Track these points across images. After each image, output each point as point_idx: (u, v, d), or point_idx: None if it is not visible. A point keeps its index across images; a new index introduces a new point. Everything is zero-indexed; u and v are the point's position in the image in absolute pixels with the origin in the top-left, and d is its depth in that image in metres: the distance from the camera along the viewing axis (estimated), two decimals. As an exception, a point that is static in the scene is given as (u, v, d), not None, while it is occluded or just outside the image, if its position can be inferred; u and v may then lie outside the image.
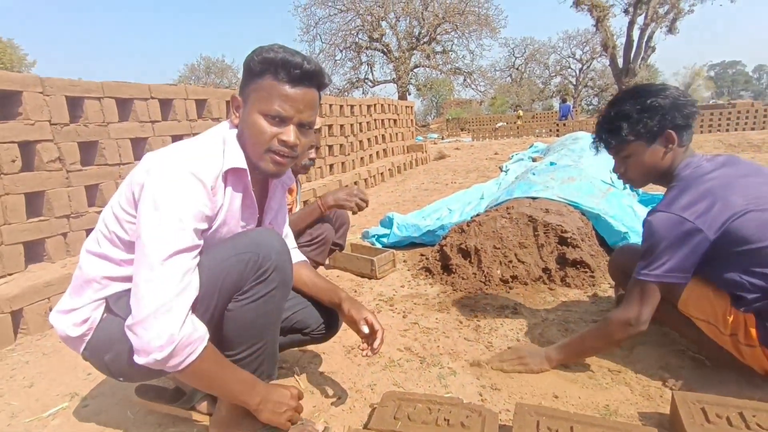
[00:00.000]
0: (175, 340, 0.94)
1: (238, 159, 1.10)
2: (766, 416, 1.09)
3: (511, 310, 2.03)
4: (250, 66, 1.07)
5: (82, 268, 1.13)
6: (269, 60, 1.04)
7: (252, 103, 1.07)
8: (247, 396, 1.09)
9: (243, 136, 1.11)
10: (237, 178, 1.12)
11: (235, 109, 1.13)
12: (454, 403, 1.21)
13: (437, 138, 16.58)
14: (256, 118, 1.06)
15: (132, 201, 1.05)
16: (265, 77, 1.05)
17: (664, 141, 1.38)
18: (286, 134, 1.07)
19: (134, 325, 0.95)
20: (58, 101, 2.53)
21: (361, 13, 22.19)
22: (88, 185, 2.70)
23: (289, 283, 1.19)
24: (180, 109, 3.36)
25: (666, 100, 1.35)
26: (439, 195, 4.85)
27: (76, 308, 1.11)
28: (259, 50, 1.06)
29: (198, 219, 1.01)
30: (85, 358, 1.16)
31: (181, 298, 0.96)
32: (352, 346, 1.77)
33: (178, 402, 1.36)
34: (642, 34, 18.91)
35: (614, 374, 1.49)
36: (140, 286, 0.95)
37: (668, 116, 1.35)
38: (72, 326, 1.11)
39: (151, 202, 0.97)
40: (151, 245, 0.96)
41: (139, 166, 1.06)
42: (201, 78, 32.20)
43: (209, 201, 1.04)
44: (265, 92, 1.05)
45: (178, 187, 0.99)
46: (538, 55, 35.86)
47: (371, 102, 6.81)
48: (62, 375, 1.69)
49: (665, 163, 1.41)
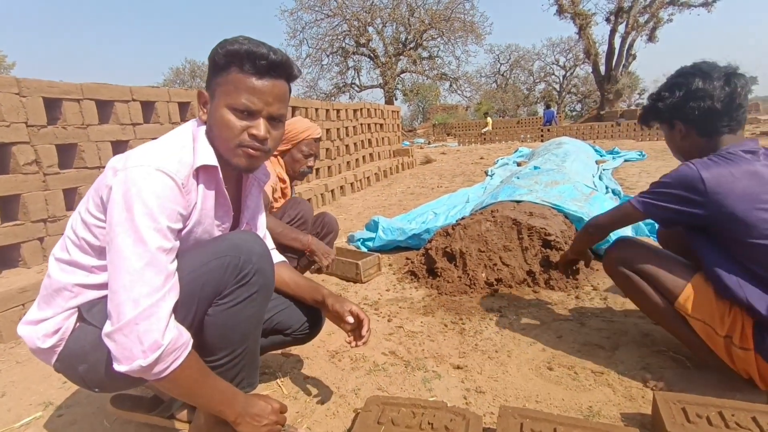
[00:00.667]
0: (161, 346, 0.90)
1: (208, 156, 1.06)
2: (745, 415, 1.10)
3: (496, 312, 2.03)
4: (214, 59, 1.03)
5: (51, 276, 1.08)
6: (233, 52, 1.00)
7: (219, 97, 1.04)
8: (226, 407, 1.05)
9: (212, 132, 1.07)
10: (209, 176, 1.08)
11: (202, 105, 1.09)
12: (438, 407, 1.20)
13: (424, 143, 16.66)
14: (224, 112, 1.03)
15: (100, 205, 1.01)
16: (230, 70, 1.02)
17: (677, 129, 1.41)
18: (256, 128, 1.04)
19: (114, 332, 0.91)
20: (35, 103, 2.47)
21: (348, 18, 22.28)
22: (67, 189, 2.64)
23: (270, 287, 1.17)
24: (162, 112, 3.32)
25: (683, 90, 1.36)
26: (425, 199, 4.86)
27: (45, 318, 1.06)
28: (223, 43, 1.03)
29: (172, 218, 0.98)
30: (57, 370, 1.10)
31: (164, 303, 0.92)
32: (336, 351, 1.76)
33: (156, 411, 1.32)
34: (623, 42, 19.36)
35: (597, 376, 1.50)
36: (118, 293, 0.91)
37: (678, 107, 1.37)
38: (42, 337, 1.05)
39: (121, 203, 0.93)
40: (126, 249, 0.92)
41: (106, 169, 1.02)
42: (186, 81, 31.91)
43: (182, 199, 1.00)
44: (232, 86, 1.02)
45: (149, 186, 0.95)
46: (523, 61, 36.44)
47: (358, 106, 6.81)
48: (36, 384, 1.64)
49: (687, 146, 1.42)
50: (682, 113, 1.38)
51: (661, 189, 1.36)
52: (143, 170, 0.96)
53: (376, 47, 23.65)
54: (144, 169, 0.96)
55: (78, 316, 1.07)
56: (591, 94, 31.71)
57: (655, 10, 19.00)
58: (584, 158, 5.22)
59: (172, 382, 0.96)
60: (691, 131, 1.39)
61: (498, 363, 1.62)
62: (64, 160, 2.67)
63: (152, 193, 0.94)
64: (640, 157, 7.42)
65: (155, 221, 0.94)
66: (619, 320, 1.89)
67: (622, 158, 7.12)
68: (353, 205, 4.97)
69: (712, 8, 18.97)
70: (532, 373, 1.54)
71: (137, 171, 0.95)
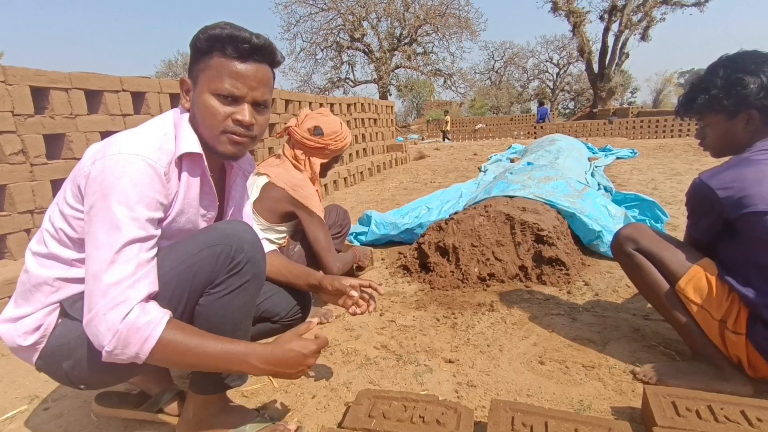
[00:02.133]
0: (116, 330, 0.87)
1: (192, 143, 1.03)
2: (734, 409, 1.11)
3: (488, 307, 2.03)
4: (196, 45, 1.01)
5: (29, 271, 1.04)
6: (215, 36, 0.98)
7: (201, 83, 1.01)
8: (238, 366, 0.97)
9: (196, 119, 1.05)
10: (193, 164, 1.06)
11: (185, 93, 1.06)
12: (430, 401, 1.20)
13: (417, 138, 16.65)
14: (207, 98, 1.00)
15: (78, 195, 0.98)
16: (212, 55, 0.99)
17: (744, 119, 1.35)
18: (241, 113, 1.01)
19: (87, 323, 0.89)
20: (21, 91, 2.42)
21: (343, 12, 22.14)
22: (54, 179, 2.59)
23: (262, 276, 1.15)
24: (153, 103, 3.27)
25: (759, 78, 1.30)
26: (418, 194, 4.85)
27: (25, 315, 1.02)
28: (204, 28, 1.00)
29: (151, 207, 0.95)
30: (38, 369, 1.06)
31: (131, 291, 0.89)
32: (327, 344, 1.74)
33: (143, 406, 1.30)
34: (616, 41, 19.45)
35: (588, 370, 1.50)
36: (89, 282, 0.90)
37: (752, 96, 1.31)
38: (23, 335, 1.01)
39: (98, 191, 0.91)
40: (100, 237, 0.90)
41: (83, 158, 1.00)
42: (179, 74, 31.58)
43: (162, 187, 0.98)
44: (215, 70, 0.99)
45: (127, 174, 0.92)
46: (517, 58, 36.49)
47: (352, 101, 6.77)
48: (21, 377, 1.61)
49: (742, 140, 1.39)
50: (764, 104, 1.32)
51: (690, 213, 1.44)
52: (122, 158, 0.93)
53: (371, 42, 23.57)
54: (123, 157, 0.94)
55: (60, 311, 1.04)
56: (584, 92, 31.86)
57: (648, 9, 19.10)
58: (577, 155, 5.23)
59: (158, 359, 0.92)
60: (760, 121, 1.35)
61: (490, 357, 1.62)
62: (52, 150, 2.62)
63: (130, 181, 0.92)
64: (632, 155, 7.47)
65: (131, 209, 0.92)
66: (610, 315, 1.90)
67: (614, 155, 7.16)
68: (346, 200, 4.95)
69: (705, 8, 19.12)
70: (524, 368, 1.54)
71: (116, 158, 0.93)
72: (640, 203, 3.37)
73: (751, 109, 1.33)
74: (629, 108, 18.17)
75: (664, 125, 12.40)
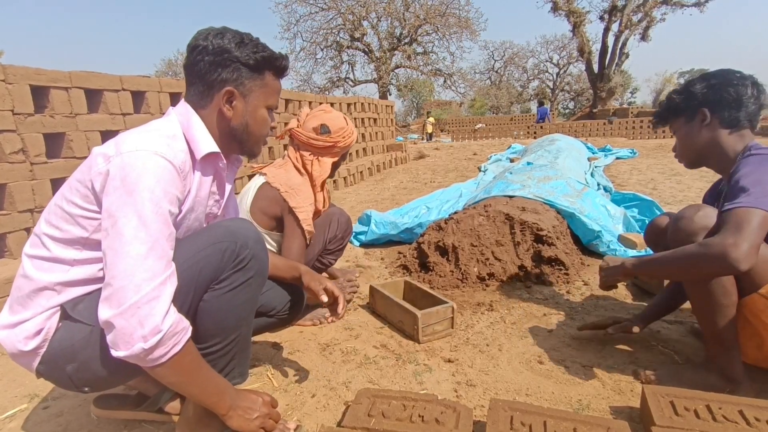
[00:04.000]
0: (161, 330, 0.90)
1: (212, 143, 1.10)
2: (732, 408, 1.12)
3: (488, 307, 2.04)
4: (245, 60, 1.09)
5: (28, 276, 1.02)
6: (269, 59, 1.13)
7: (258, 97, 1.15)
8: (218, 398, 1.04)
9: (246, 128, 1.15)
10: (207, 163, 1.11)
11: (227, 102, 1.11)
12: (429, 400, 1.20)
13: (417, 138, 16.64)
14: (264, 112, 1.17)
15: (90, 195, 0.98)
16: (265, 74, 1.14)
17: (700, 119, 1.42)
18: (274, 121, 1.23)
19: (114, 317, 0.89)
20: (21, 90, 2.42)
21: (343, 12, 22.13)
22: (54, 179, 2.60)
23: (265, 272, 1.18)
24: (153, 102, 3.27)
25: (706, 81, 1.42)
26: (418, 194, 4.85)
27: (25, 320, 1.01)
28: (248, 45, 1.10)
29: (173, 203, 0.98)
30: (39, 374, 1.05)
31: (164, 287, 0.92)
32: (327, 344, 1.75)
33: (143, 406, 1.30)
34: (617, 41, 19.46)
35: (587, 369, 1.51)
36: (118, 277, 0.89)
37: (699, 96, 1.41)
38: (24, 340, 1.00)
39: (121, 188, 0.92)
40: (128, 233, 0.90)
41: (92, 158, 1.00)
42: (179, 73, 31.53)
43: (180, 183, 1.01)
44: (269, 89, 1.16)
45: (150, 170, 0.94)
46: (517, 58, 36.46)
47: (351, 100, 6.78)
48: (21, 376, 1.61)
49: (704, 141, 1.43)
50: (711, 100, 1.40)
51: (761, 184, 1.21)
52: (142, 154, 0.95)
53: (371, 42, 23.57)
54: (143, 154, 0.95)
55: (62, 314, 1.04)
56: (584, 92, 31.84)
57: (648, 9, 19.11)
58: (576, 155, 5.24)
59: (169, 369, 0.95)
60: (715, 120, 1.40)
61: (489, 356, 1.62)
62: (52, 149, 2.62)
63: (153, 177, 0.94)
64: (632, 155, 7.48)
65: (158, 205, 0.93)
66: (609, 315, 1.90)
67: (613, 156, 7.18)
68: (346, 200, 4.95)
69: (704, 8, 19.12)
70: (523, 367, 1.55)
71: (136, 155, 0.95)
72: (639, 203, 3.37)
73: (701, 106, 1.41)
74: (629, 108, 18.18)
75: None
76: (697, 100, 1.42)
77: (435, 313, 1.74)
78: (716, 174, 1.52)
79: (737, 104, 1.38)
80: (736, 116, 1.39)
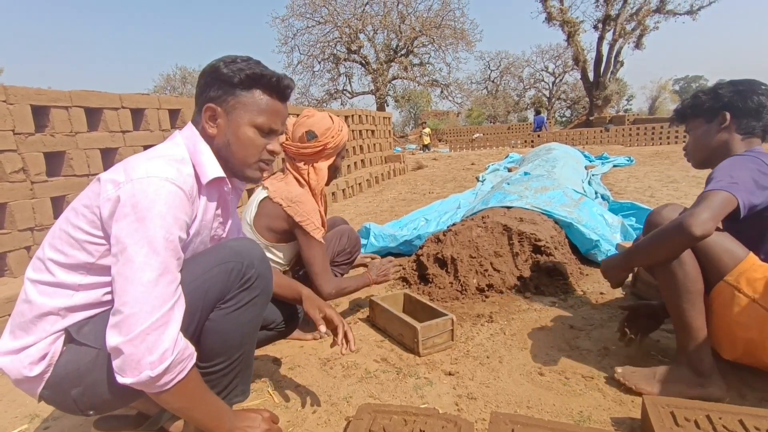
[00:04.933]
0: (169, 357, 0.90)
1: (217, 168, 1.10)
2: (732, 418, 1.12)
3: (487, 318, 2.04)
4: (230, 77, 1.06)
5: (31, 301, 1.01)
6: (259, 76, 1.08)
7: (241, 115, 1.09)
8: (218, 422, 1.04)
9: (228, 146, 1.11)
10: (211, 188, 1.12)
11: (210, 119, 1.10)
12: (430, 414, 1.20)
13: (415, 149, 16.72)
14: (248, 130, 1.10)
15: (97, 222, 0.98)
16: (254, 92, 1.09)
17: (719, 121, 1.51)
18: (274, 145, 1.15)
19: (122, 344, 0.89)
20: (22, 110, 2.44)
21: (339, 25, 22.37)
22: (54, 197, 2.61)
23: (270, 291, 1.20)
24: (152, 119, 3.30)
25: (734, 86, 1.50)
26: (417, 205, 4.87)
27: (28, 345, 1.00)
28: (239, 63, 1.07)
29: (183, 229, 0.99)
30: (42, 398, 1.04)
31: (173, 313, 0.93)
32: (327, 358, 1.75)
33: (143, 426, 1.30)
34: (611, 49, 19.67)
35: (587, 380, 1.51)
36: (129, 304, 0.89)
37: (725, 99, 1.49)
38: (29, 366, 0.99)
39: (132, 215, 0.92)
40: (138, 260, 0.91)
41: (101, 184, 1.00)
42: (177, 88, 31.77)
43: (190, 209, 1.02)
44: (257, 107, 1.10)
45: (161, 197, 0.94)
46: (513, 68, 36.73)
47: (349, 113, 6.83)
48: (21, 396, 1.61)
49: (717, 143, 1.52)
50: (735, 105, 1.48)
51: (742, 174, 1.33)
52: (154, 181, 0.95)
53: (368, 54, 23.79)
54: (154, 180, 0.96)
55: (66, 338, 1.03)
56: (580, 100, 32.08)
57: (641, 18, 19.35)
58: (573, 164, 5.27)
59: (174, 395, 0.95)
60: (733, 125, 1.49)
61: (489, 369, 1.62)
62: (52, 168, 2.64)
63: (165, 204, 0.95)
64: (629, 163, 7.51)
65: (168, 232, 0.94)
66: (609, 325, 1.91)
67: (610, 163, 7.21)
68: (345, 212, 4.96)
69: (697, 16, 19.36)
70: (524, 379, 1.55)
71: (147, 182, 0.95)
72: (637, 212, 3.39)
73: (724, 109, 1.49)
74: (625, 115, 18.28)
75: (660, 132, 12.49)
76: (722, 102, 1.50)
77: (435, 325, 1.75)
78: None
79: (757, 113, 1.47)
80: (753, 124, 1.48)
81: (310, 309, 1.36)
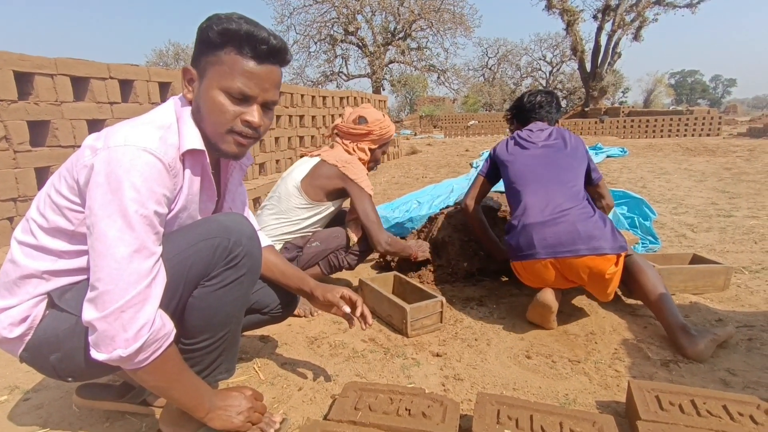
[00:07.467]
0: (143, 336, 0.87)
1: (194, 140, 0.99)
2: (716, 403, 1.13)
3: (477, 301, 2.04)
4: (207, 35, 0.95)
5: (16, 262, 0.99)
6: (232, 32, 0.93)
7: (211, 77, 0.97)
8: (197, 402, 1.02)
9: (199, 114, 1.00)
10: (194, 160, 1.03)
11: (187, 83, 1.02)
12: (416, 393, 1.20)
13: (410, 134, 16.62)
14: (216, 94, 0.96)
15: (75, 187, 0.94)
16: (225, 50, 0.95)
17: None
18: (251, 114, 0.98)
19: (97, 319, 0.86)
20: (5, 76, 2.36)
21: (337, 5, 21.95)
22: (38, 167, 2.54)
23: (258, 270, 1.15)
24: (142, 92, 3.21)
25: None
26: (409, 189, 4.85)
27: (10, 306, 0.99)
28: (218, 19, 0.95)
29: (160, 203, 0.92)
30: (23, 360, 1.03)
31: (150, 290, 0.88)
32: (315, 337, 1.74)
33: (126, 397, 1.28)
34: (609, 40, 19.54)
35: (573, 364, 1.51)
36: (103, 280, 0.86)
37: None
38: (8, 326, 0.98)
39: (105, 185, 0.87)
40: (111, 235, 0.86)
41: (81, 149, 0.95)
42: (170, 65, 31.09)
43: (170, 181, 0.95)
44: (227, 67, 0.95)
45: (136, 168, 0.88)
46: (511, 56, 36.51)
47: (344, 94, 6.73)
48: (2, 367, 1.58)
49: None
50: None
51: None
52: (129, 150, 0.89)
53: (365, 36, 23.43)
54: (130, 149, 0.89)
55: (48, 302, 1.01)
56: (576, 90, 32.00)
57: (641, 10, 19.21)
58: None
59: (149, 374, 0.93)
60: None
61: (477, 351, 1.62)
62: (36, 137, 2.56)
63: (140, 176, 0.88)
64: (622, 153, 7.53)
65: (143, 206, 0.88)
66: (597, 311, 1.92)
67: (604, 154, 7.22)
68: (337, 194, 4.92)
69: (696, 9, 19.28)
70: (511, 361, 1.55)
71: (122, 150, 0.89)
72: (628, 201, 3.39)
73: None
74: (620, 107, 18.28)
75: (654, 125, 12.52)
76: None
77: (424, 307, 1.74)
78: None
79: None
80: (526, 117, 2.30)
81: (327, 294, 1.30)
